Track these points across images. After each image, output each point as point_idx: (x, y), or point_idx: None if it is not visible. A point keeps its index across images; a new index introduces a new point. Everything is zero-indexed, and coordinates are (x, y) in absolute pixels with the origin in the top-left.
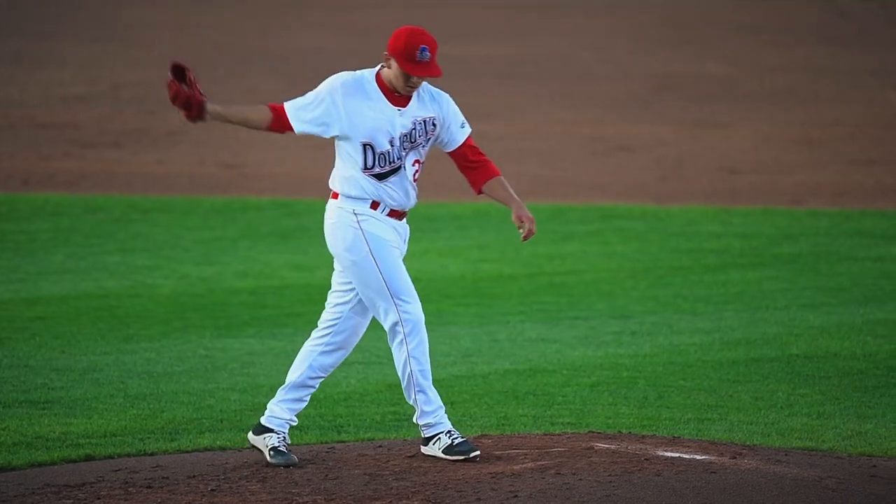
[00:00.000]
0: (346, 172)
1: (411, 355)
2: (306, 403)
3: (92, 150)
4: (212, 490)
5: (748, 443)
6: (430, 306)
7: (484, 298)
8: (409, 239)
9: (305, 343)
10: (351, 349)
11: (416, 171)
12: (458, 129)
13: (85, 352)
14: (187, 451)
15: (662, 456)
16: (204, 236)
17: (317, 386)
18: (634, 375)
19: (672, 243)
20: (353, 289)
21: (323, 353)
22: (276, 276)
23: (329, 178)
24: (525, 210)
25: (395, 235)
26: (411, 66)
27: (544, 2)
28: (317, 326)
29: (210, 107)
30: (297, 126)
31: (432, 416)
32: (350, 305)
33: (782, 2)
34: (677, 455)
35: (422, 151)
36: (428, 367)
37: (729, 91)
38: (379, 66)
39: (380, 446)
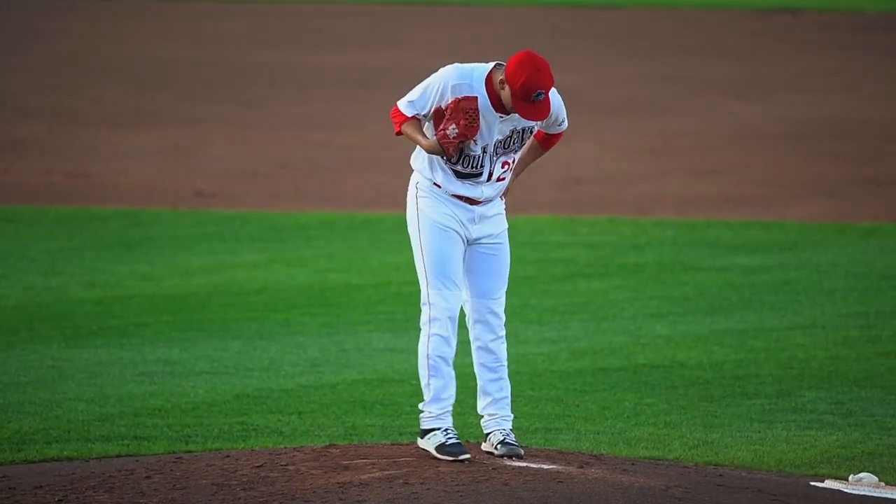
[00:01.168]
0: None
1: (431, 339)
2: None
3: None
4: (59, 500)
5: (595, 452)
6: (277, 316)
7: (331, 308)
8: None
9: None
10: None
11: (504, 171)
12: (553, 125)
13: None
14: (34, 462)
15: (510, 465)
16: (50, 246)
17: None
18: None
19: (518, 253)
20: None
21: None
22: (122, 286)
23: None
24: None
25: (453, 216)
26: (522, 105)
27: (395, 12)
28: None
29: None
30: (410, 113)
31: (438, 406)
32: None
33: (627, 11)
34: (524, 464)
35: (515, 155)
36: (450, 355)
37: (573, 101)
38: (493, 65)
39: (227, 456)
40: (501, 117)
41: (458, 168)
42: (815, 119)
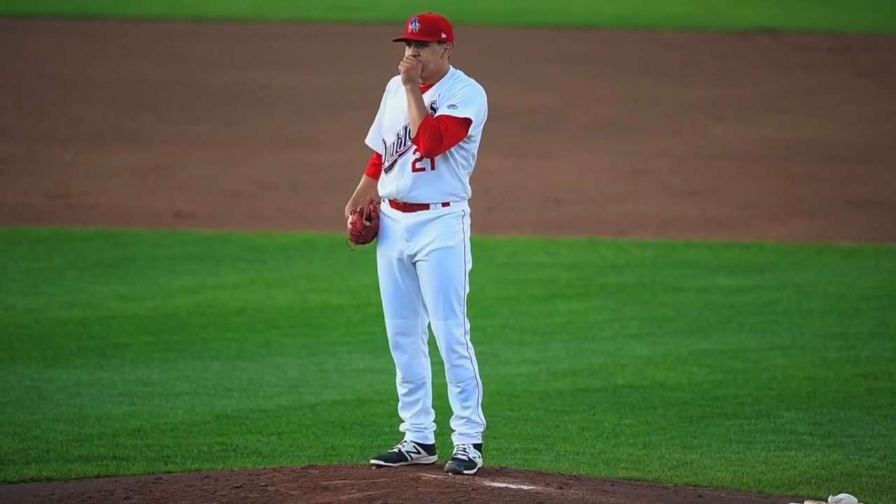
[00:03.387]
0: None
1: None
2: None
3: None
4: None
5: (575, 473)
6: (257, 336)
7: (311, 329)
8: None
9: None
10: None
11: (417, 158)
12: (443, 107)
13: None
14: (13, 482)
15: (489, 486)
16: (30, 267)
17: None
18: None
19: (499, 274)
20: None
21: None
22: (102, 307)
23: None
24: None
25: (392, 238)
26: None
27: (368, 32)
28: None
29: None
30: (374, 147)
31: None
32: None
33: (607, 33)
34: (504, 485)
35: None
36: (401, 379)
37: (553, 121)
38: None
39: (207, 477)
40: None
41: (386, 164)
42: (795, 140)
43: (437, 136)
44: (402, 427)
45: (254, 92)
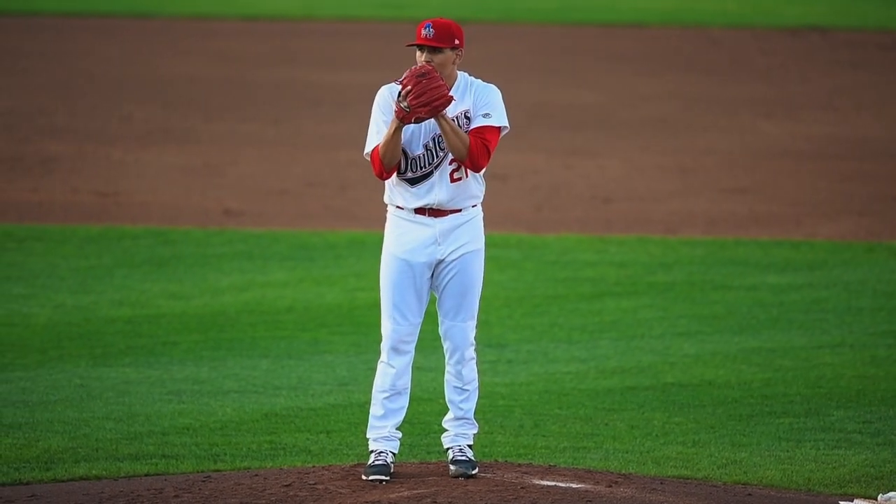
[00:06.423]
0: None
1: (377, 371)
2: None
3: None
4: None
5: (624, 471)
6: (306, 335)
7: (360, 327)
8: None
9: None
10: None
11: (454, 169)
12: (478, 118)
13: None
14: (63, 481)
15: (538, 484)
16: (79, 265)
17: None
18: (510, 404)
19: (548, 272)
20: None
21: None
22: (151, 305)
23: None
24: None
25: (415, 243)
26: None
27: (412, 30)
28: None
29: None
30: (375, 145)
31: (372, 431)
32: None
33: (655, 30)
34: (553, 483)
35: None
36: (387, 386)
37: (601, 119)
38: None
39: (256, 475)
40: None
41: (409, 175)
42: (845, 137)
43: (486, 153)
44: (376, 436)
45: (302, 90)
